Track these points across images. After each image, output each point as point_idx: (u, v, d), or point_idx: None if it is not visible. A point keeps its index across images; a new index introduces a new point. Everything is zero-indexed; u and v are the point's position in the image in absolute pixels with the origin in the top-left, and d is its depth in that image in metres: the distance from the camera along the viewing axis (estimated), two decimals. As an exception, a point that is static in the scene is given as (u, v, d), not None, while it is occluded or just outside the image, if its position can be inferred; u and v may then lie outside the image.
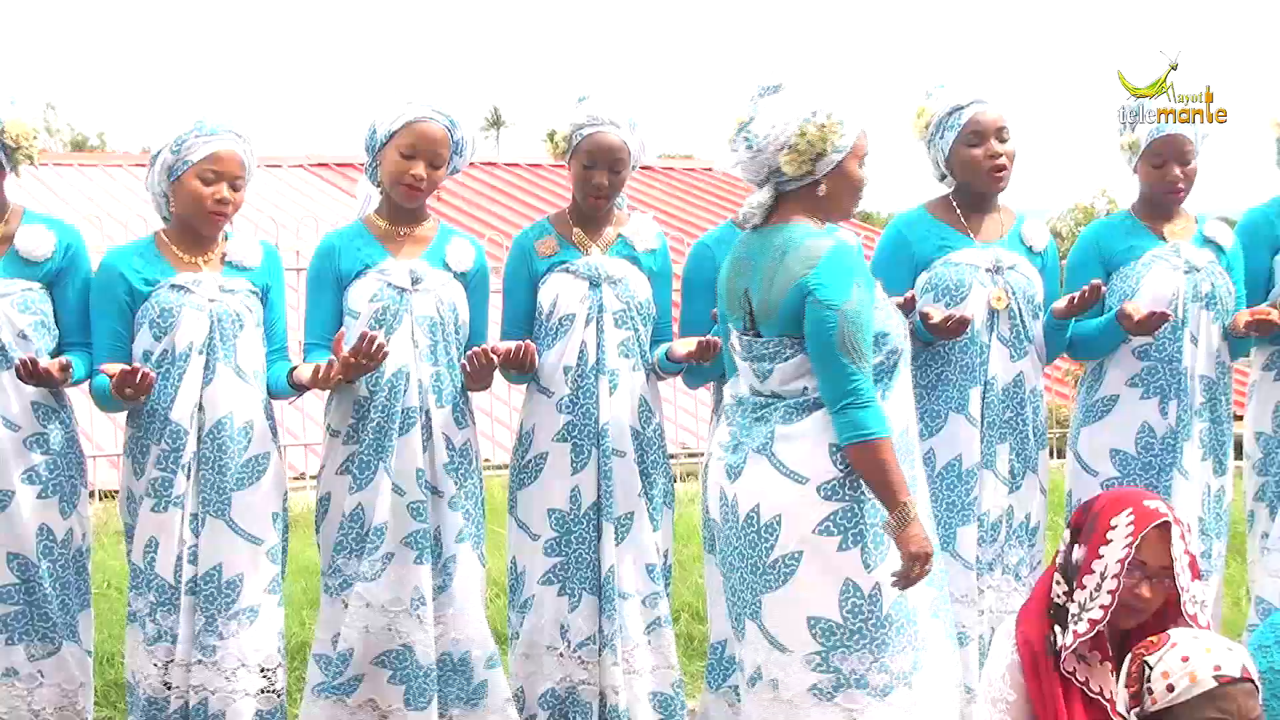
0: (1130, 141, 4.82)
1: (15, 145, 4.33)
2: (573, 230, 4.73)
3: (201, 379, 4.38)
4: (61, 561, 4.46)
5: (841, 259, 3.80)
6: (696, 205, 16.54)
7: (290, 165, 16.18)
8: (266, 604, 4.46)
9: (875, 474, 3.73)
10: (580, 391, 4.61)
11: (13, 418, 4.36)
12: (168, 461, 4.38)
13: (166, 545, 4.39)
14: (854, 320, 3.74)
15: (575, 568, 4.65)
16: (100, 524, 7.67)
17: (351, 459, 4.52)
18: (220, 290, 4.42)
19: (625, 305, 4.64)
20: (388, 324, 4.47)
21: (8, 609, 4.39)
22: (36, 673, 4.43)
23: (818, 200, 3.88)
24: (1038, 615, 3.82)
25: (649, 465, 4.69)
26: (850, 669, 3.81)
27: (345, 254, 4.57)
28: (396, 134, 4.47)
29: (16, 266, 4.40)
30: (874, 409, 3.73)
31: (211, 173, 4.32)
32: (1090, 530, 3.77)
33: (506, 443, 7.83)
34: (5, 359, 4.34)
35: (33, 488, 4.38)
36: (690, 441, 9.45)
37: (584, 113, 4.60)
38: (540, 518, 4.67)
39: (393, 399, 4.47)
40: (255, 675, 4.43)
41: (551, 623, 4.67)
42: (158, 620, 4.41)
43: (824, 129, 3.78)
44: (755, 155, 3.86)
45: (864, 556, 3.79)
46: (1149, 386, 4.83)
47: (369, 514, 4.48)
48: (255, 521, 4.42)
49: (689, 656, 5.94)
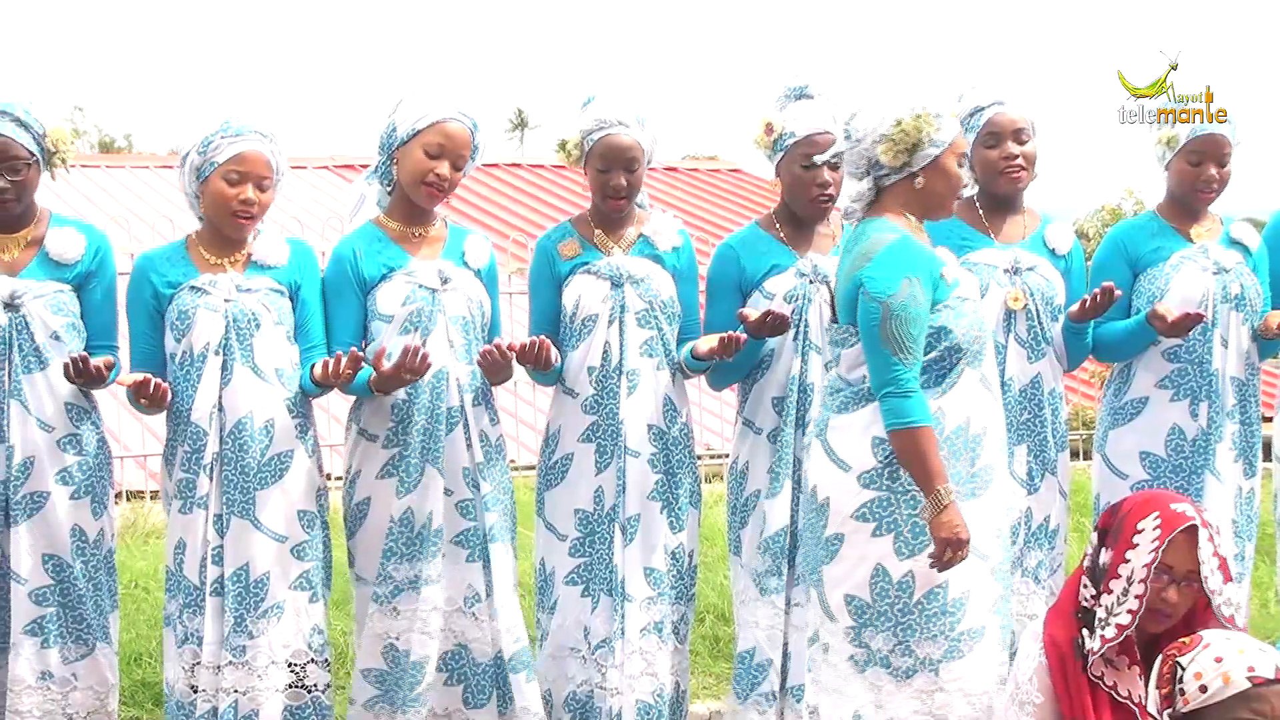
0: (1168, 137, 4.78)
1: (54, 149, 4.38)
2: (594, 231, 4.73)
3: (219, 380, 4.38)
4: (94, 562, 4.48)
5: (898, 253, 3.93)
6: (721, 206, 16.53)
7: (315, 166, 16.22)
8: (294, 600, 4.46)
9: (912, 459, 3.87)
10: (604, 392, 4.61)
11: (47, 419, 4.39)
12: (190, 463, 4.40)
13: (192, 546, 4.40)
14: (899, 313, 3.87)
15: (596, 568, 4.65)
16: (126, 525, 7.71)
17: (395, 462, 4.51)
18: (237, 290, 4.42)
19: (648, 305, 4.64)
20: (423, 326, 4.47)
21: (44, 611, 4.41)
22: (70, 675, 4.45)
23: (914, 194, 4.03)
24: (1065, 618, 3.81)
25: (674, 465, 4.68)
26: (877, 647, 3.98)
27: (365, 257, 4.55)
28: (422, 132, 4.46)
29: (47, 269, 4.43)
30: (915, 398, 3.87)
31: (236, 173, 4.33)
32: (1117, 533, 3.75)
33: (531, 444, 7.84)
34: (39, 360, 4.37)
35: (66, 488, 4.41)
36: (715, 443, 9.45)
37: (592, 117, 4.59)
38: (566, 518, 4.67)
39: (436, 400, 4.47)
40: (284, 671, 4.43)
41: (575, 624, 4.67)
42: (185, 623, 4.42)
43: (919, 120, 3.93)
44: (854, 145, 4.03)
45: (896, 544, 3.93)
46: (1179, 389, 4.80)
47: (420, 516, 4.48)
48: (280, 519, 4.42)
49: (714, 658, 5.94)
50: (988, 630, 3.99)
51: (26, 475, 4.37)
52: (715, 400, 9.29)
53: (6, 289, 4.37)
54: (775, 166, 4.71)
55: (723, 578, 6.32)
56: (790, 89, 4.72)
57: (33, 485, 4.38)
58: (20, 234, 4.44)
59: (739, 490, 4.77)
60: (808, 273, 4.66)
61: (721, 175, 18.31)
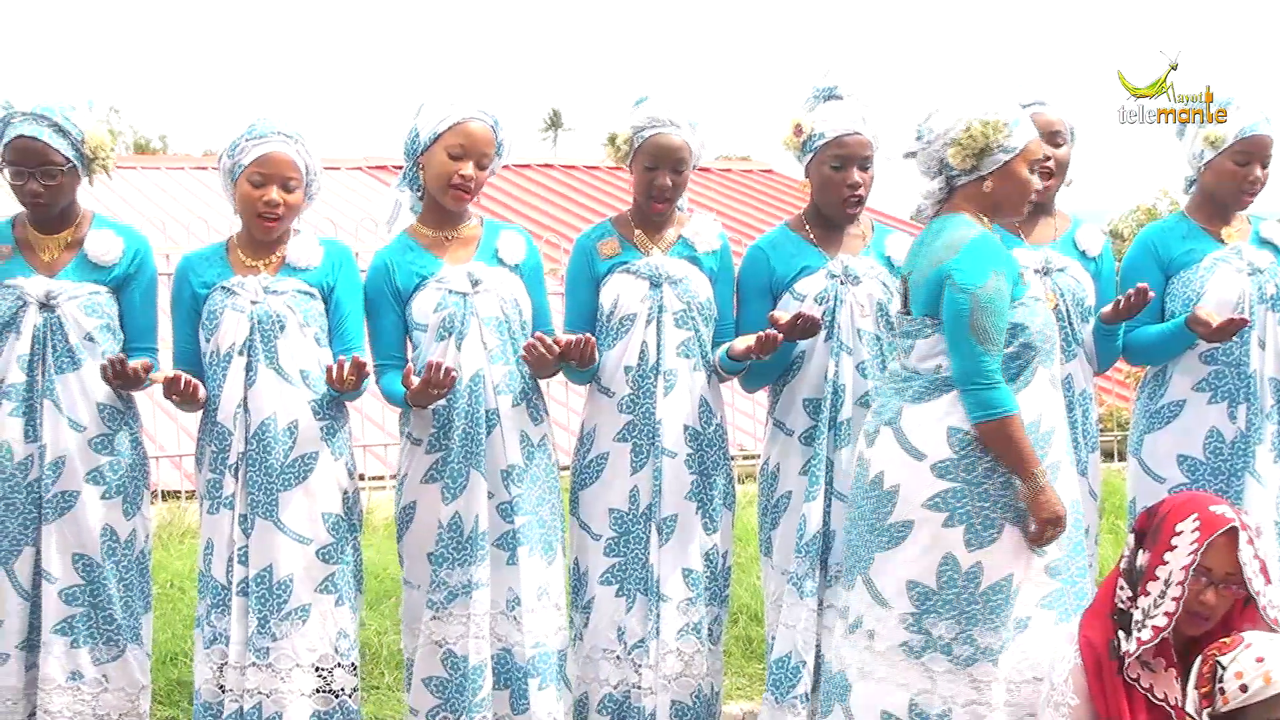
0: (1214, 137, 4.75)
1: (93, 155, 4.41)
2: (634, 231, 4.73)
3: (244, 380, 4.41)
4: (125, 563, 4.50)
5: (983, 247, 4.02)
6: (753, 207, 16.51)
7: (348, 167, 16.26)
8: (320, 604, 4.46)
9: (1005, 448, 3.98)
10: (640, 392, 4.61)
11: (79, 419, 4.41)
12: (217, 463, 4.43)
13: (219, 546, 4.43)
14: (987, 306, 3.97)
15: (631, 568, 4.65)
16: (162, 525, 7.75)
17: (439, 466, 4.52)
18: (265, 291, 4.44)
19: (686, 305, 4.63)
20: (456, 331, 4.48)
21: (73, 610, 4.43)
22: (101, 677, 4.47)
23: (984, 197, 4.13)
24: (1101, 619, 3.80)
25: (709, 465, 4.67)
26: (939, 634, 4.06)
27: (399, 269, 4.57)
28: (443, 135, 4.47)
29: (86, 270, 4.47)
30: (1001, 389, 3.97)
31: (260, 175, 4.36)
32: (1155, 536, 3.74)
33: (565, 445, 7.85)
34: (73, 361, 4.40)
35: (97, 488, 4.43)
36: (748, 444, 9.43)
37: (644, 114, 4.59)
38: (601, 518, 4.67)
39: (474, 403, 4.47)
40: (310, 675, 4.44)
41: (609, 624, 4.67)
42: (213, 623, 4.44)
43: (988, 126, 4.02)
44: (925, 147, 4.14)
45: (967, 535, 4.03)
46: (1217, 391, 4.77)
47: (468, 520, 4.49)
48: (304, 522, 4.43)
49: (747, 658, 5.93)
50: (1033, 622, 4.03)
51: (58, 474, 4.40)
52: (747, 401, 9.28)
53: (42, 289, 4.40)
54: (804, 167, 4.70)
55: (755, 579, 6.31)
56: (819, 90, 4.71)
57: (63, 484, 4.40)
58: (61, 235, 4.48)
59: (770, 492, 4.76)
60: (838, 274, 4.65)
61: (754, 176, 18.29)
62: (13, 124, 4.32)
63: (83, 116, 4.39)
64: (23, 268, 4.44)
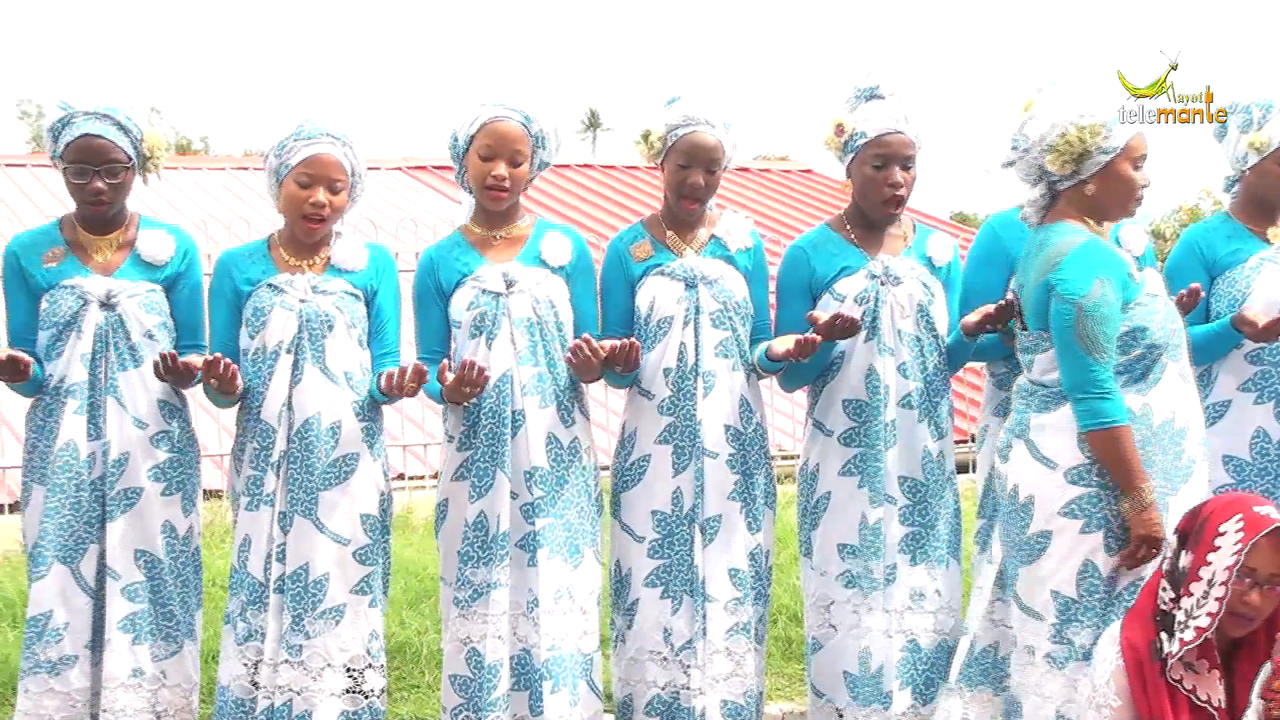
0: (1259, 142, 4.71)
1: (149, 155, 4.46)
2: (666, 233, 4.73)
3: (289, 378, 4.43)
4: (182, 559, 4.54)
5: (1087, 255, 4.00)
6: (792, 207, 16.49)
7: (388, 168, 16.31)
8: (354, 604, 4.48)
9: (1113, 459, 3.97)
10: (680, 393, 4.61)
11: (141, 416, 4.46)
12: (259, 460, 4.45)
13: (258, 543, 4.45)
14: (1092, 314, 3.95)
15: (676, 570, 4.64)
16: (205, 522, 7.78)
17: (468, 465, 4.54)
18: (313, 291, 4.47)
19: (722, 305, 4.63)
20: (486, 330, 4.50)
21: (136, 607, 4.47)
22: (160, 673, 4.51)
23: (1088, 200, 4.11)
24: (1143, 621, 3.78)
25: (751, 465, 4.67)
26: (1080, 642, 4.05)
27: (444, 265, 4.61)
28: (475, 137, 4.50)
29: (140, 269, 4.51)
30: (1112, 399, 3.96)
31: (307, 176, 4.38)
32: (1198, 536, 3.72)
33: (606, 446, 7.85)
34: (134, 358, 4.44)
35: (158, 484, 4.48)
36: (787, 444, 9.42)
37: (678, 113, 4.59)
38: (644, 519, 4.67)
39: (501, 403, 4.49)
40: (341, 675, 4.46)
41: (654, 626, 4.66)
42: (248, 619, 4.46)
43: (1084, 130, 4.00)
44: (1023, 155, 4.13)
45: (1106, 539, 4.02)
46: (1263, 391, 4.74)
47: (492, 520, 4.50)
48: (342, 522, 4.45)
49: (786, 659, 5.92)
50: None
51: (122, 471, 4.43)
52: (786, 401, 9.27)
53: (103, 288, 4.44)
54: (846, 167, 4.70)
55: (794, 579, 6.30)
56: (860, 89, 4.70)
57: (127, 481, 4.44)
58: (112, 236, 4.53)
59: (810, 492, 4.75)
60: (879, 274, 4.64)
61: (793, 176, 18.26)
62: (74, 123, 4.36)
63: (140, 116, 4.44)
64: (78, 268, 4.48)
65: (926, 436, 4.66)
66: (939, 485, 4.69)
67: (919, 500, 4.66)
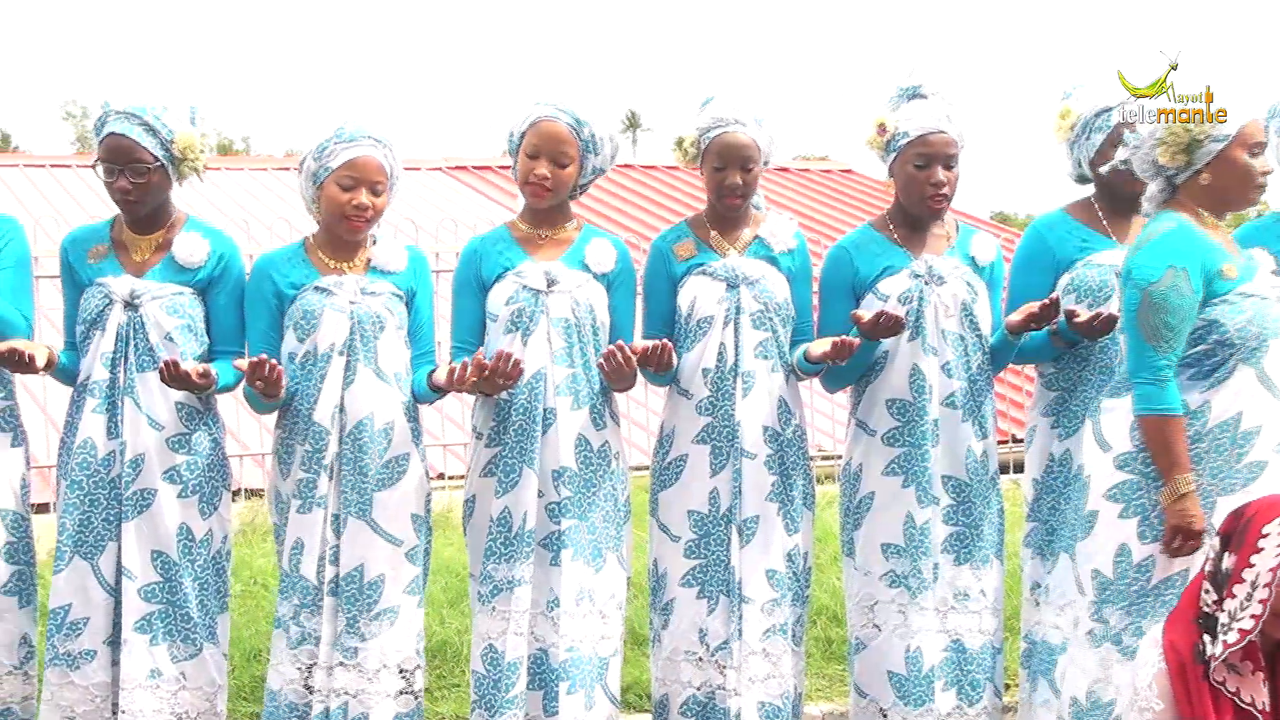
0: None
1: (182, 157, 4.46)
2: (710, 233, 4.72)
3: (342, 380, 4.43)
4: (200, 562, 4.53)
5: (1165, 243, 4.03)
6: (832, 207, 16.46)
7: (429, 168, 16.35)
8: (406, 605, 4.49)
9: (1158, 446, 4.02)
10: (719, 393, 4.60)
11: (157, 418, 4.46)
12: (311, 462, 4.44)
13: (310, 546, 4.44)
14: (1158, 303, 3.99)
15: (713, 570, 4.64)
16: (245, 522, 7.82)
17: (495, 461, 4.54)
18: (362, 292, 4.47)
19: (763, 306, 4.63)
20: (524, 326, 4.51)
21: (152, 608, 4.48)
22: (179, 675, 4.51)
23: (1204, 191, 4.12)
24: (1185, 623, 3.75)
25: (789, 466, 4.66)
26: (1113, 624, 4.14)
27: (487, 258, 4.61)
28: (525, 135, 4.52)
29: (171, 271, 4.52)
30: (1165, 387, 4.00)
31: (350, 178, 4.39)
32: (1241, 538, 3.69)
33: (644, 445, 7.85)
34: (153, 360, 4.44)
35: (174, 487, 4.48)
36: (826, 444, 9.40)
37: (709, 115, 4.60)
38: (680, 519, 4.67)
39: (533, 400, 4.49)
40: (395, 676, 4.46)
41: (690, 626, 4.66)
42: (301, 623, 4.46)
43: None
44: (1135, 150, 4.18)
45: (1140, 527, 4.07)
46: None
47: (517, 517, 4.50)
48: (396, 522, 4.45)
49: (826, 659, 5.91)
50: None
51: (136, 472, 4.44)
52: (825, 401, 9.25)
53: (127, 288, 4.47)
54: (889, 167, 4.69)
55: (834, 579, 6.30)
56: (903, 89, 4.69)
57: (142, 482, 4.45)
58: (153, 236, 4.55)
59: (852, 492, 4.74)
60: (922, 274, 4.63)
61: (833, 176, 18.22)
62: (107, 122, 4.40)
63: (174, 117, 4.45)
64: (114, 267, 4.51)
65: (970, 436, 4.65)
66: (983, 485, 4.68)
67: (963, 500, 4.66)
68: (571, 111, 4.52)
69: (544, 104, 4.53)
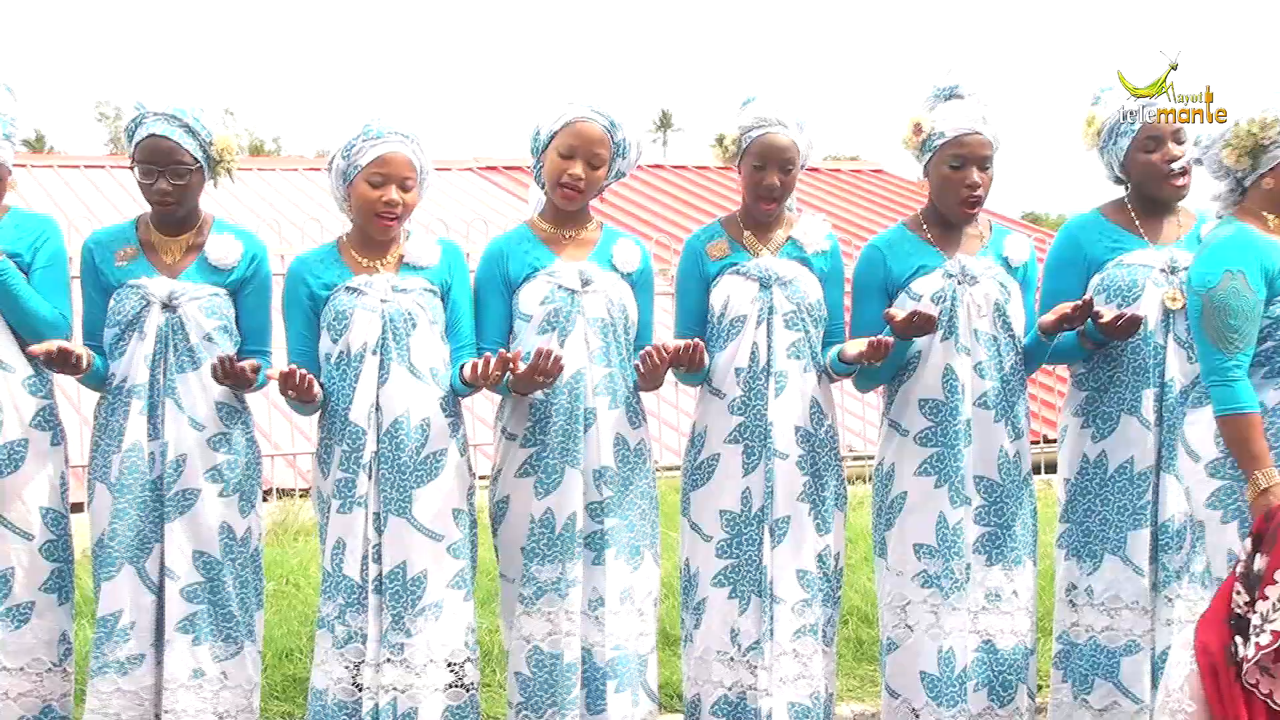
0: None
1: (219, 159, 4.49)
2: (743, 233, 4.72)
3: (376, 379, 4.44)
4: (240, 560, 4.56)
5: (1225, 248, 4.07)
6: (862, 207, 16.43)
7: (459, 168, 16.39)
8: (451, 599, 4.49)
9: (1234, 446, 4.02)
10: (751, 393, 4.60)
11: (199, 418, 4.48)
12: (349, 462, 4.45)
13: (352, 546, 4.44)
14: (1219, 306, 4.02)
15: (744, 570, 4.64)
16: (276, 523, 7.85)
17: (534, 462, 4.55)
18: (393, 290, 4.48)
19: (796, 307, 4.62)
20: (560, 326, 4.51)
21: (195, 608, 4.50)
22: (221, 674, 4.53)
23: (1265, 194, 4.15)
24: (1218, 625, 3.75)
25: (821, 467, 4.66)
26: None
27: (513, 258, 4.61)
28: (557, 135, 4.52)
29: (205, 273, 4.55)
30: (1238, 385, 4.01)
31: (379, 175, 4.40)
32: (1273, 539, 3.68)
33: (673, 445, 7.86)
34: (193, 361, 4.47)
35: (215, 486, 4.50)
36: (858, 445, 9.39)
37: (752, 115, 4.59)
38: (712, 519, 4.67)
39: (574, 401, 4.50)
40: (443, 670, 4.46)
41: (721, 626, 4.66)
42: (347, 622, 4.46)
43: (1255, 124, 4.07)
44: (1205, 151, 4.23)
45: (1240, 529, 4.04)
46: None
47: (561, 517, 4.51)
48: (436, 518, 4.46)
49: (858, 660, 5.91)
50: None
51: (179, 473, 4.46)
52: (856, 402, 9.25)
53: (165, 290, 4.48)
54: (923, 167, 4.68)
55: (865, 580, 6.29)
56: (939, 89, 4.68)
57: (184, 483, 4.47)
58: (183, 238, 4.56)
59: (885, 492, 4.74)
60: (955, 274, 4.62)
61: (863, 176, 18.19)
62: (145, 123, 4.41)
63: (211, 118, 4.47)
64: (146, 268, 4.52)
65: (1003, 436, 4.64)
66: (1015, 486, 4.67)
67: (995, 501, 4.65)
68: (608, 114, 4.53)
69: (579, 104, 4.53)
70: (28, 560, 4.52)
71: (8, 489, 4.49)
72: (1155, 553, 4.63)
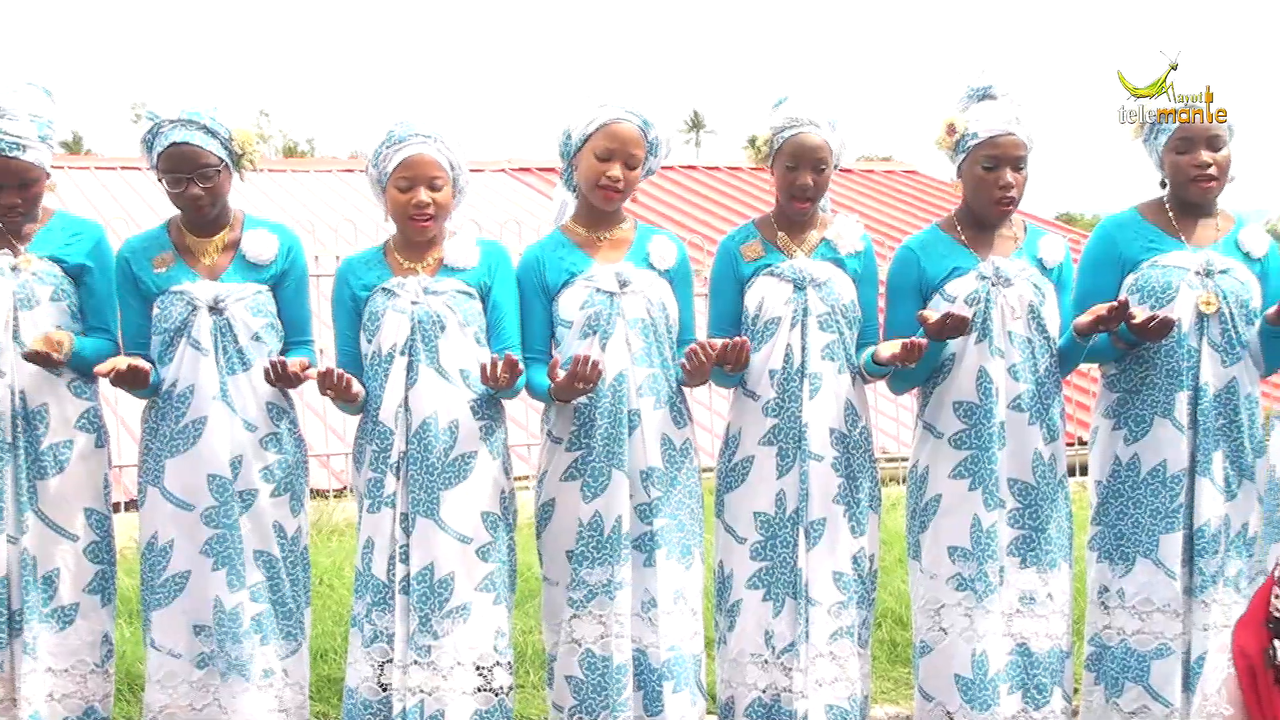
0: None
1: (241, 152, 4.51)
2: (777, 234, 4.72)
3: (405, 380, 4.45)
4: (292, 558, 4.60)
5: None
6: (895, 208, 16.40)
7: (492, 170, 16.41)
8: (480, 602, 4.49)
9: None
10: (786, 395, 4.60)
11: (251, 419, 4.52)
12: (378, 462, 4.47)
13: (380, 545, 4.46)
14: None
15: (779, 572, 4.63)
16: (311, 522, 7.87)
17: (579, 465, 4.55)
18: (424, 292, 4.49)
19: (830, 308, 4.62)
20: (601, 329, 4.52)
21: (259, 608, 4.54)
22: (284, 672, 4.58)
23: None
24: (1255, 628, 3.73)
25: (855, 468, 4.65)
26: None
27: (549, 264, 4.61)
28: (591, 137, 4.51)
29: (245, 271, 4.57)
30: None
31: (405, 179, 4.41)
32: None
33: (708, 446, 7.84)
34: (242, 361, 4.50)
35: (269, 485, 4.54)
36: (890, 447, 9.37)
37: (784, 115, 4.59)
38: (747, 521, 4.66)
39: (617, 403, 4.50)
40: (471, 673, 4.46)
41: (755, 628, 4.66)
42: (374, 621, 4.48)
43: None
44: None
45: None
46: None
47: (609, 520, 4.51)
48: (464, 520, 4.46)
49: (892, 662, 5.89)
50: None
51: (236, 474, 4.49)
52: (889, 404, 9.22)
53: (211, 293, 4.50)
54: (957, 167, 4.67)
55: (899, 582, 6.27)
56: (973, 89, 4.67)
57: (242, 484, 4.50)
58: (218, 238, 4.58)
59: (919, 494, 4.73)
60: (989, 275, 4.61)
61: (896, 176, 18.17)
62: (163, 133, 4.41)
63: (226, 115, 4.48)
64: (187, 273, 4.54)
65: (1038, 439, 4.63)
66: (1050, 488, 4.65)
67: (1029, 503, 4.63)
68: (641, 114, 4.53)
69: (612, 106, 4.53)
70: (73, 562, 4.56)
71: (54, 490, 4.53)
72: (1189, 556, 4.62)
